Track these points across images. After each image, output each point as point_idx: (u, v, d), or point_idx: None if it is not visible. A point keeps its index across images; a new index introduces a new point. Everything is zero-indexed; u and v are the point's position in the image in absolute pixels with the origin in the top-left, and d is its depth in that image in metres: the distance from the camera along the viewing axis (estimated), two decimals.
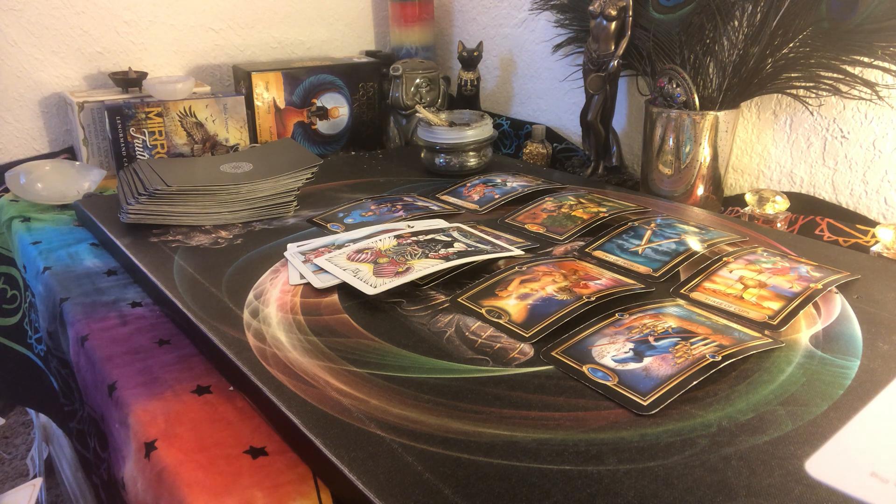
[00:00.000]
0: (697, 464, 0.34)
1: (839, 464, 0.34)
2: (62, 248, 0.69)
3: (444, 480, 0.33)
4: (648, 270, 0.57)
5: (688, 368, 0.41)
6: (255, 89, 1.04)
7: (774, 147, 0.83)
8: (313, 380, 0.41)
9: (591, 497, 0.32)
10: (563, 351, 0.45)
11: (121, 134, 0.93)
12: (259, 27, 1.17)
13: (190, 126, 0.98)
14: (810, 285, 0.53)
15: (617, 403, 0.39)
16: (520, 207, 0.73)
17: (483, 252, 0.59)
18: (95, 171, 0.85)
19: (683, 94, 0.76)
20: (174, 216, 0.68)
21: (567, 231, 0.66)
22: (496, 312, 0.49)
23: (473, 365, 0.43)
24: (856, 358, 0.44)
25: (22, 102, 1.00)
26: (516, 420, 0.37)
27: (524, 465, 0.34)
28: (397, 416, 0.37)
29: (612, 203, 0.72)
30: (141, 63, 1.07)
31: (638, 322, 0.47)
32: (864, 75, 0.70)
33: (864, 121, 0.74)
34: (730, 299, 0.52)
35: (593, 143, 0.92)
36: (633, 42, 0.84)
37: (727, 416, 0.38)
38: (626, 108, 0.99)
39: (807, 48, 0.72)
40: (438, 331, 0.47)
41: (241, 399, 0.42)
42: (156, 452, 0.38)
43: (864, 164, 0.75)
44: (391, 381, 0.41)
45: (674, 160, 0.78)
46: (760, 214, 0.73)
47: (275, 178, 0.73)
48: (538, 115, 1.13)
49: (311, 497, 0.35)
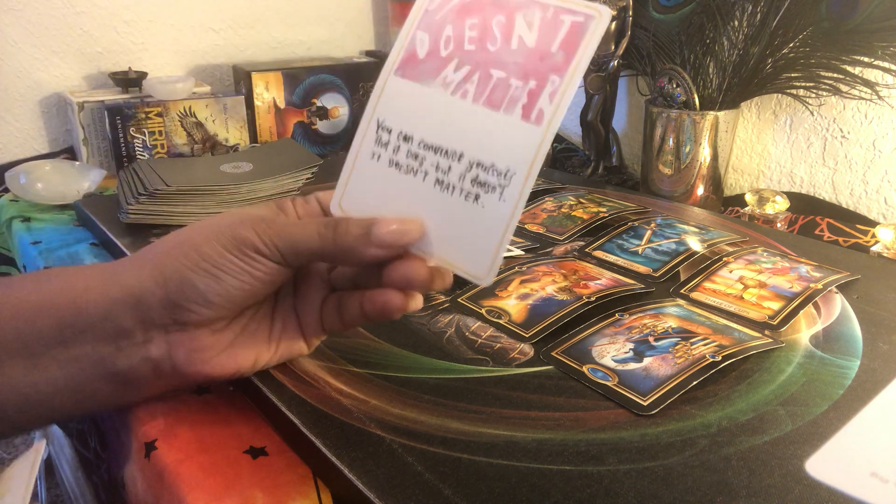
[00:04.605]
0: (697, 464, 0.34)
1: (839, 464, 0.34)
2: (62, 248, 0.69)
3: (444, 480, 0.33)
4: (648, 270, 0.57)
5: (688, 368, 0.41)
6: (255, 89, 1.04)
7: (774, 147, 0.83)
8: (313, 380, 0.41)
9: (590, 497, 0.32)
10: (563, 351, 0.45)
11: (121, 134, 0.93)
12: (259, 27, 1.17)
13: (190, 126, 0.98)
14: (810, 285, 0.53)
15: (617, 403, 0.39)
16: None
17: None
18: (95, 171, 0.85)
19: (683, 94, 0.76)
20: (174, 216, 0.68)
21: (567, 231, 0.66)
22: (496, 312, 0.50)
23: (473, 365, 0.43)
24: (856, 358, 0.44)
25: (22, 102, 1.00)
26: (516, 420, 0.37)
27: (524, 465, 0.34)
28: (397, 417, 0.37)
29: (612, 203, 0.72)
30: (141, 63, 1.07)
31: (638, 322, 0.47)
32: (864, 75, 0.71)
33: (864, 121, 0.74)
34: (730, 299, 0.52)
35: (593, 143, 0.92)
36: (633, 42, 0.84)
37: (727, 416, 0.38)
38: (626, 108, 0.99)
39: (807, 48, 0.72)
40: (438, 331, 0.47)
41: (241, 399, 0.42)
42: (156, 452, 0.38)
43: (864, 164, 0.75)
44: (391, 381, 0.41)
45: (674, 160, 0.78)
46: (760, 214, 0.73)
47: (275, 178, 0.73)
48: None
49: (311, 497, 0.35)
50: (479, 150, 0.33)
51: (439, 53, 0.35)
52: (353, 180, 0.37)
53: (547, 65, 0.32)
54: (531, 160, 0.32)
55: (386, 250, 0.35)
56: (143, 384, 0.37)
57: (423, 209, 0.35)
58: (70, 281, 0.36)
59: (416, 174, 0.35)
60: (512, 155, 0.33)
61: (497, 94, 0.33)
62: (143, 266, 0.36)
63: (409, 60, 0.36)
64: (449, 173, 0.34)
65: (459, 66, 0.34)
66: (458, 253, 0.34)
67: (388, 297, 0.36)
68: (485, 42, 0.34)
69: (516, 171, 0.32)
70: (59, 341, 0.35)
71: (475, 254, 0.34)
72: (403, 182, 0.35)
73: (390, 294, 0.36)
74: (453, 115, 0.34)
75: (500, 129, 0.33)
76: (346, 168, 0.37)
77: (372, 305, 0.37)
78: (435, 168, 0.34)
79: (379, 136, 0.36)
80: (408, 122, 0.35)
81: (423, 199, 0.35)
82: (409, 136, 0.35)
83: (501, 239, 0.33)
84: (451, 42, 0.35)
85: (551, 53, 0.32)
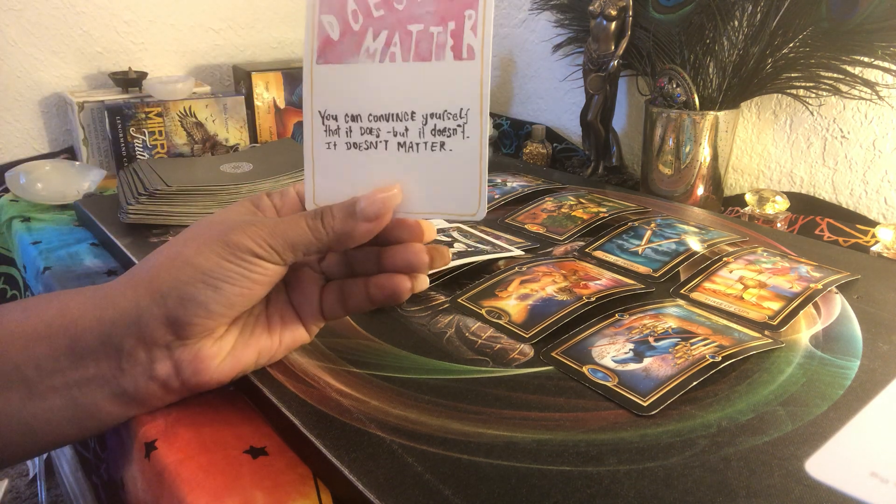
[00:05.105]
0: (697, 464, 0.34)
1: (839, 464, 0.34)
2: (62, 248, 0.69)
3: (444, 481, 0.33)
4: (648, 270, 0.57)
5: (688, 369, 0.41)
6: (255, 89, 1.04)
7: (774, 147, 0.83)
8: (313, 380, 0.41)
9: (590, 497, 0.32)
10: (563, 351, 0.45)
11: (121, 134, 0.93)
12: (259, 27, 1.17)
13: (190, 126, 0.98)
14: (810, 285, 0.53)
15: (617, 404, 0.39)
16: (520, 207, 0.73)
17: (483, 252, 0.59)
18: (95, 171, 0.85)
19: (683, 94, 0.76)
20: (174, 216, 0.68)
21: (567, 231, 0.66)
22: (496, 313, 0.50)
23: (473, 366, 0.43)
24: (856, 358, 0.44)
25: (22, 102, 1.00)
26: (516, 421, 0.38)
27: (524, 465, 0.34)
28: (397, 417, 0.37)
29: (612, 203, 0.72)
30: (141, 63, 1.08)
31: (638, 322, 0.47)
32: (864, 75, 0.71)
33: (864, 121, 0.74)
34: (730, 299, 0.52)
35: (593, 143, 0.92)
36: (633, 42, 0.84)
37: (727, 416, 0.38)
38: (626, 108, 0.99)
39: (807, 48, 0.72)
40: (438, 331, 0.47)
41: (241, 399, 0.42)
42: (156, 452, 0.38)
43: (864, 164, 0.75)
44: (391, 381, 0.41)
45: (674, 160, 0.78)
46: (760, 214, 0.73)
47: (275, 178, 0.73)
48: (538, 115, 1.13)
49: (312, 497, 0.35)
50: (427, 103, 0.35)
51: (352, 29, 0.36)
52: (319, 175, 0.38)
53: (457, 3, 0.34)
54: (479, 93, 0.34)
55: (375, 223, 0.36)
56: (151, 400, 0.37)
57: (395, 174, 0.36)
58: (61, 309, 0.35)
59: (376, 147, 0.36)
60: (460, 94, 0.34)
61: (423, 47, 0.35)
62: (136, 286, 0.35)
63: (325, 46, 0.36)
64: (408, 134, 0.35)
65: (377, 34, 0.35)
66: (445, 201, 0.36)
67: (397, 282, 0.37)
68: (391, 3, 0.35)
69: (469, 106, 0.34)
70: (57, 369, 0.34)
71: (460, 195, 0.35)
72: (367, 158, 0.36)
73: (398, 278, 0.37)
74: (390, 81, 0.35)
75: (439, 77, 0.34)
76: (307, 166, 0.38)
77: (380, 290, 0.38)
78: (392, 134, 0.36)
79: (326, 125, 0.37)
80: (349, 103, 0.36)
81: (393, 165, 0.36)
82: (356, 116, 0.36)
83: (479, 172, 0.35)
84: (359, 14, 0.36)
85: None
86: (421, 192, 0.36)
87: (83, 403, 0.35)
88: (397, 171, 0.36)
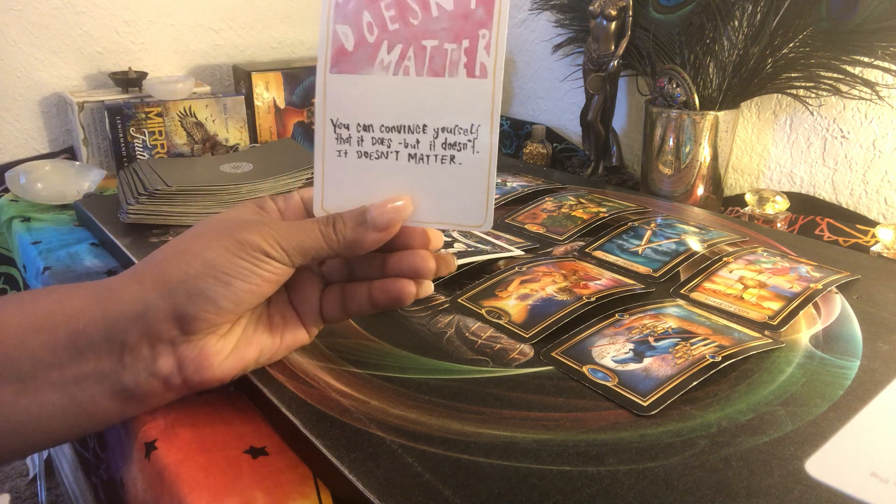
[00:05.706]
0: (697, 464, 0.34)
1: (839, 464, 0.34)
2: (62, 248, 0.69)
3: (444, 481, 0.33)
4: (648, 270, 0.57)
5: (688, 369, 0.41)
6: (255, 89, 1.04)
7: (774, 147, 0.83)
8: (313, 380, 0.41)
9: (590, 497, 0.32)
10: (563, 351, 0.45)
11: (121, 134, 0.93)
12: (259, 27, 1.17)
13: (190, 126, 0.98)
14: (810, 285, 0.53)
15: (617, 404, 0.39)
16: (520, 207, 0.73)
17: (483, 252, 0.59)
18: (95, 171, 0.85)
19: (683, 94, 0.76)
20: (174, 216, 0.68)
21: (567, 231, 0.66)
22: (496, 313, 0.50)
23: (473, 366, 0.43)
24: (856, 358, 0.44)
25: (22, 102, 1.00)
26: (516, 421, 0.38)
27: (524, 465, 0.34)
28: (397, 417, 0.37)
29: (612, 203, 0.72)
30: (141, 63, 1.07)
31: (638, 322, 0.47)
32: (864, 75, 0.71)
33: (864, 121, 0.74)
34: (730, 299, 0.52)
35: (593, 143, 0.92)
36: (633, 42, 0.84)
37: (727, 416, 0.38)
38: (626, 108, 0.99)
39: (807, 48, 0.72)
40: (438, 331, 0.47)
41: (241, 399, 0.42)
42: (156, 452, 0.38)
43: (864, 164, 0.75)
44: (391, 381, 0.41)
45: (674, 160, 0.78)
46: (760, 214, 0.73)
47: (275, 178, 0.73)
48: (538, 115, 1.13)
49: (312, 497, 0.35)
50: (439, 117, 0.36)
51: (367, 41, 0.36)
52: (328, 181, 0.38)
53: (472, 22, 0.34)
54: (490, 110, 0.35)
55: (384, 233, 0.36)
56: (151, 398, 0.36)
57: (405, 185, 0.37)
58: (61, 302, 0.35)
59: (387, 157, 0.37)
60: (471, 111, 0.35)
61: (437, 62, 0.35)
62: (141, 280, 0.35)
63: (339, 56, 0.37)
64: (418, 146, 0.36)
65: (391, 47, 0.36)
66: (452, 211, 0.37)
67: (401, 286, 0.38)
68: (406, 17, 0.35)
69: (480, 122, 0.35)
70: (56, 363, 0.33)
71: (468, 206, 0.36)
72: (377, 167, 0.37)
73: (403, 283, 0.38)
74: (403, 94, 0.36)
75: (451, 93, 0.35)
76: (316, 173, 0.38)
77: (384, 294, 0.38)
78: (403, 145, 0.36)
79: (338, 134, 0.37)
80: (362, 113, 0.37)
81: (402, 175, 0.37)
82: (368, 126, 0.37)
83: (487, 185, 0.36)
84: (374, 27, 0.36)
85: (472, 10, 0.34)
86: (429, 202, 0.37)
87: (80, 400, 0.34)
88: (406, 182, 0.37)
